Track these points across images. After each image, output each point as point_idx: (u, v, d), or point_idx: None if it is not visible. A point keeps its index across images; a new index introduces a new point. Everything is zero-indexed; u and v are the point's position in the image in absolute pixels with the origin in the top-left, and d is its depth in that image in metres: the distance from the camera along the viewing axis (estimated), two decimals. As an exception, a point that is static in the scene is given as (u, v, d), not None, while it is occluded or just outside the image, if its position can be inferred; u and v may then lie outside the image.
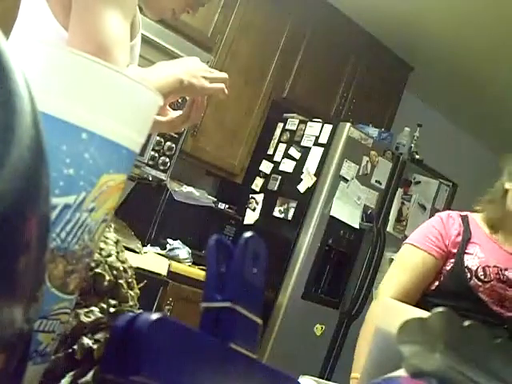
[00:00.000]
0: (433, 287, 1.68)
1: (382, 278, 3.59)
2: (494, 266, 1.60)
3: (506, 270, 1.60)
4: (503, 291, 1.58)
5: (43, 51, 0.37)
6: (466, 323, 0.43)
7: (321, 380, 1.25)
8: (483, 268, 1.60)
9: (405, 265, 1.71)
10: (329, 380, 2.01)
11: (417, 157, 3.88)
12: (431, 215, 3.72)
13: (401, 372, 0.45)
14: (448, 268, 1.65)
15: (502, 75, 4.19)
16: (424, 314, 0.90)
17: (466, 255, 1.63)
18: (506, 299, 1.58)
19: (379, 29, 4.04)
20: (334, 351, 3.43)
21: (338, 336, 3.44)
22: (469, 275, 1.60)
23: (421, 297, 1.68)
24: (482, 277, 1.59)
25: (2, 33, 0.28)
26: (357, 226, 3.44)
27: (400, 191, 3.63)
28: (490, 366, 0.42)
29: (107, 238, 0.50)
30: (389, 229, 3.57)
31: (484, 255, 1.63)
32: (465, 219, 1.72)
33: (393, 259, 3.57)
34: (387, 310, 0.87)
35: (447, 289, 1.64)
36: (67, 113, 0.36)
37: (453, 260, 1.65)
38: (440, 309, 0.44)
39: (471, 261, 1.62)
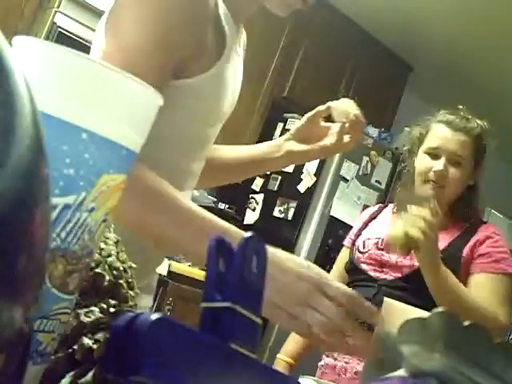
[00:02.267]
0: None
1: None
2: (376, 238, 1.72)
3: None
4: (379, 257, 1.67)
5: (43, 51, 0.37)
6: (466, 323, 0.43)
7: (321, 380, 1.25)
8: (363, 241, 1.74)
9: (335, 263, 1.90)
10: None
11: (417, 157, 3.88)
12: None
13: (401, 372, 0.45)
14: None
15: (502, 75, 4.19)
16: (408, 309, 0.90)
17: (359, 236, 1.78)
18: (384, 263, 1.67)
19: (379, 29, 4.04)
20: (334, 351, 3.43)
21: (337, 336, 3.44)
22: (354, 251, 1.75)
23: None
24: (361, 248, 1.72)
25: (1, 33, 0.28)
26: (357, 226, 3.44)
27: (400, 191, 3.63)
28: (489, 366, 0.42)
29: (107, 237, 0.50)
30: (389, 229, 3.57)
31: (371, 232, 1.76)
32: (382, 208, 1.87)
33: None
34: (385, 310, 0.87)
35: (346, 268, 1.78)
36: (67, 113, 0.36)
37: None
38: (440, 309, 0.44)
39: (359, 240, 1.77)
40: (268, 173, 3.62)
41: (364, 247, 1.73)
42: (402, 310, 0.92)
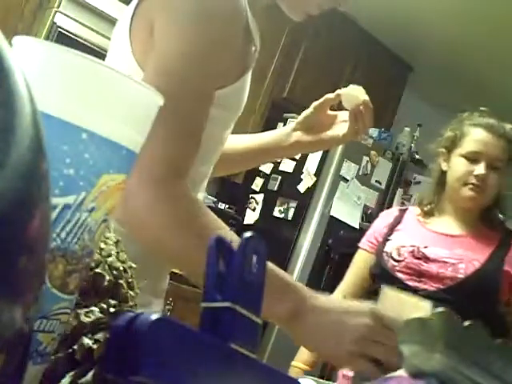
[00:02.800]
0: None
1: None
2: (411, 245, 1.68)
3: (425, 247, 1.67)
4: (418, 267, 1.65)
5: (43, 51, 0.37)
6: (466, 323, 0.43)
7: (321, 380, 1.25)
8: (397, 249, 1.70)
9: (350, 265, 1.89)
10: (329, 380, 2.01)
11: (417, 157, 3.88)
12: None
13: (401, 372, 0.45)
14: None
15: (502, 75, 4.20)
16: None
17: (387, 242, 1.74)
18: (423, 274, 1.64)
19: (379, 29, 4.04)
20: (334, 351, 3.43)
21: (337, 336, 3.44)
22: (386, 258, 1.71)
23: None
24: (396, 256, 1.69)
25: (1, 33, 0.28)
26: (357, 226, 3.44)
27: (400, 191, 3.63)
28: (489, 366, 0.42)
29: (107, 237, 0.50)
30: (389, 229, 3.57)
31: (402, 238, 1.72)
32: (403, 211, 1.84)
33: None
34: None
35: (373, 274, 1.75)
36: (67, 113, 0.36)
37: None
38: (440, 309, 0.44)
39: (389, 246, 1.72)
40: (268, 173, 3.62)
41: (399, 255, 1.69)
42: (398, 298, 0.94)
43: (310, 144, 1.23)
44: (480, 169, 1.66)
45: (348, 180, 3.40)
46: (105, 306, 0.44)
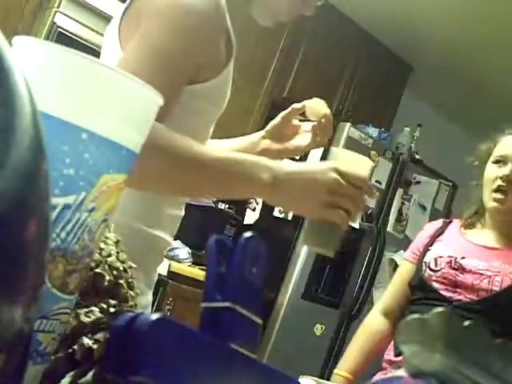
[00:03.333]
0: None
1: (382, 278, 3.59)
2: (448, 256, 1.69)
3: (462, 258, 1.67)
4: (454, 277, 1.65)
5: (43, 51, 0.37)
6: (466, 323, 0.43)
7: (321, 380, 1.25)
8: (435, 259, 1.70)
9: (394, 276, 1.91)
10: (329, 380, 2.01)
11: (417, 157, 3.88)
12: (431, 215, 3.74)
13: (401, 372, 0.45)
14: None
15: (502, 75, 4.20)
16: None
17: (427, 252, 1.75)
18: (459, 284, 1.65)
19: (379, 29, 4.04)
20: (334, 351, 3.43)
21: (338, 336, 3.44)
22: (424, 268, 1.71)
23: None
24: (433, 266, 1.69)
25: (1, 33, 0.28)
26: (357, 226, 3.44)
27: (400, 191, 3.63)
28: (489, 366, 0.42)
29: (107, 237, 0.50)
30: (389, 229, 3.57)
31: (442, 249, 1.73)
32: (447, 223, 1.86)
33: (393, 259, 3.58)
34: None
35: (411, 284, 1.76)
36: (67, 113, 0.36)
37: None
38: (440, 309, 0.44)
39: (428, 256, 1.73)
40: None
41: (436, 265, 1.70)
42: (345, 154, 1.08)
43: (277, 152, 1.29)
44: (505, 170, 1.67)
45: (348, 180, 3.40)
46: (105, 305, 0.44)
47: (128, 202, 0.95)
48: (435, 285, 1.67)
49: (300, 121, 1.28)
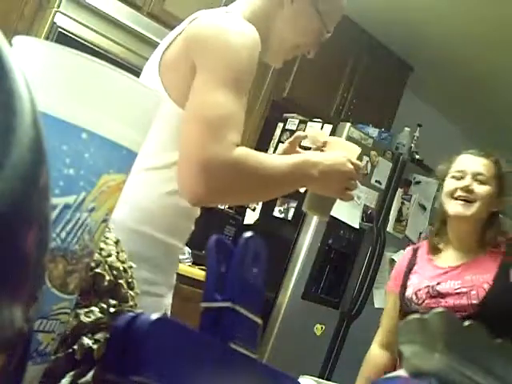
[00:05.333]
0: None
1: (382, 278, 3.59)
2: (425, 286, 1.80)
3: (438, 284, 1.78)
4: (437, 304, 1.73)
5: (43, 51, 0.37)
6: (466, 323, 0.43)
7: (321, 380, 1.25)
8: (415, 293, 1.82)
9: (384, 311, 2.03)
10: (329, 380, 2.00)
11: (417, 157, 3.88)
12: (431, 215, 3.73)
13: (401, 372, 0.45)
14: None
15: (502, 75, 4.20)
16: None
17: (407, 288, 1.85)
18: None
19: (379, 29, 4.04)
20: (334, 351, 3.43)
21: (338, 336, 3.44)
22: (408, 304, 1.82)
23: None
24: (416, 300, 1.80)
25: (1, 33, 0.28)
26: (357, 226, 3.44)
27: (400, 191, 3.63)
28: (489, 366, 0.42)
29: (107, 237, 0.50)
30: (389, 229, 3.57)
31: (418, 281, 1.85)
32: (416, 251, 1.96)
33: (393, 259, 3.58)
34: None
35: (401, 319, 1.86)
36: (67, 113, 0.36)
37: None
38: (440, 309, 0.44)
39: (408, 291, 1.84)
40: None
41: (418, 298, 1.79)
42: (339, 142, 1.38)
43: None
44: (464, 182, 1.81)
45: (348, 180, 3.40)
46: (105, 306, 0.44)
47: (155, 218, 1.25)
48: None
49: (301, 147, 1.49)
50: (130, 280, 0.49)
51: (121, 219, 1.11)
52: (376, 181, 3.53)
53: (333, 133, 3.38)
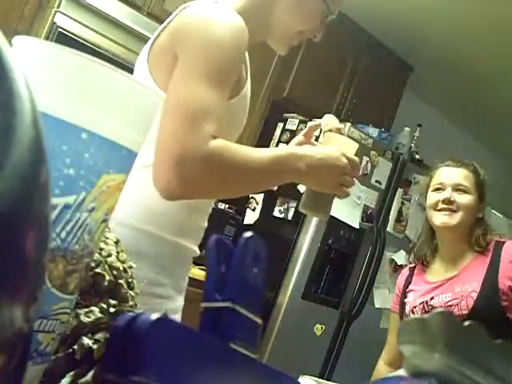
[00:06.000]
0: None
1: (382, 278, 3.60)
2: (420, 303, 1.87)
3: (431, 299, 1.85)
4: None
5: (43, 51, 0.37)
6: (466, 323, 0.43)
7: (321, 380, 1.25)
8: (411, 310, 1.88)
9: (388, 331, 2.11)
10: (329, 380, 2.00)
11: (417, 157, 3.88)
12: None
13: (401, 372, 0.45)
14: None
15: (501, 75, 4.20)
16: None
17: (405, 306, 1.94)
18: None
19: (379, 29, 4.04)
20: (334, 351, 3.43)
21: (338, 336, 3.44)
22: None
23: None
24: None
25: (1, 33, 0.28)
26: (357, 226, 3.44)
27: (400, 191, 3.63)
28: (489, 366, 0.42)
29: (107, 237, 0.50)
30: (389, 229, 3.57)
31: (413, 298, 1.92)
32: (412, 269, 2.03)
33: (393, 259, 3.58)
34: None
35: None
36: (67, 113, 0.36)
37: None
38: (440, 309, 0.44)
39: (407, 309, 1.91)
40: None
41: (415, 315, 1.83)
42: (336, 138, 1.34)
43: None
44: (445, 194, 1.87)
45: (348, 180, 3.39)
46: (105, 306, 0.44)
47: (160, 216, 1.22)
48: None
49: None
50: (129, 280, 0.50)
51: (123, 218, 1.12)
52: (376, 181, 3.53)
53: (333, 133, 3.38)
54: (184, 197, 1.14)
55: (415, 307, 1.87)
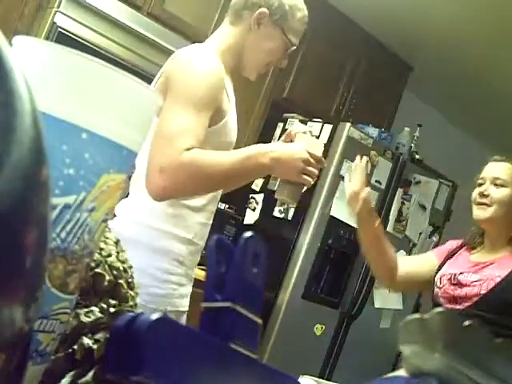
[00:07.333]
0: None
1: (382, 278, 3.59)
2: (449, 273, 1.93)
3: (461, 273, 1.90)
4: (453, 291, 1.89)
5: (43, 51, 0.37)
6: (466, 323, 0.43)
7: (321, 380, 1.25)
8: (440, 278, 1.96)
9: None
10: (329, 380, 2.01)
11: (417, 157, 3.88)
12: (431, 215, 3.73)
13: (401, 372, 0.45)
14: None
15: (502, 75, 4.20)
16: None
17: (438, 272, 2.00)
18: (458, 297, 1.88)
19: (379, 29, 4.04)
20: (334, 351, 3.43)
21: (338, 336, 3.44)
22: (434, 287, 1.98)
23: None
24: (439, 284, 1.95)
25: (1, 33, 0.28)
26: (357, 226, 3.44)
27: (400, 191, 3.63)
28: (489, 366, 0.42)
29: (107, 237, 0.50)
30: (389, 229, 3.56)
31: (446, 268, 1.99)
32: (462, 244, 2.08)
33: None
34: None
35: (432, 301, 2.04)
36: (67, 113, 0.36)
37: None
38: (439, 309, 0.44)
39: (438, 275, 1.99)
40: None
41: (440, 283, 1.94)
42: (308, 139, 1.54)
43: None
44: (482, 188, 1.92)
45: (348, 180, 3.39)
46: (105, 305, 0.44)
47: (169, 217, 1.52)
48: (441, 300, 1.92)
49: None
50: (129, 280, 0.49)
51: (143, 219, 1.51)
52: (376, 181, 3.53)
53: (333, 133, 3.39)
54: (168, 197, 1.45)
55: (444, 275, 1.94)
